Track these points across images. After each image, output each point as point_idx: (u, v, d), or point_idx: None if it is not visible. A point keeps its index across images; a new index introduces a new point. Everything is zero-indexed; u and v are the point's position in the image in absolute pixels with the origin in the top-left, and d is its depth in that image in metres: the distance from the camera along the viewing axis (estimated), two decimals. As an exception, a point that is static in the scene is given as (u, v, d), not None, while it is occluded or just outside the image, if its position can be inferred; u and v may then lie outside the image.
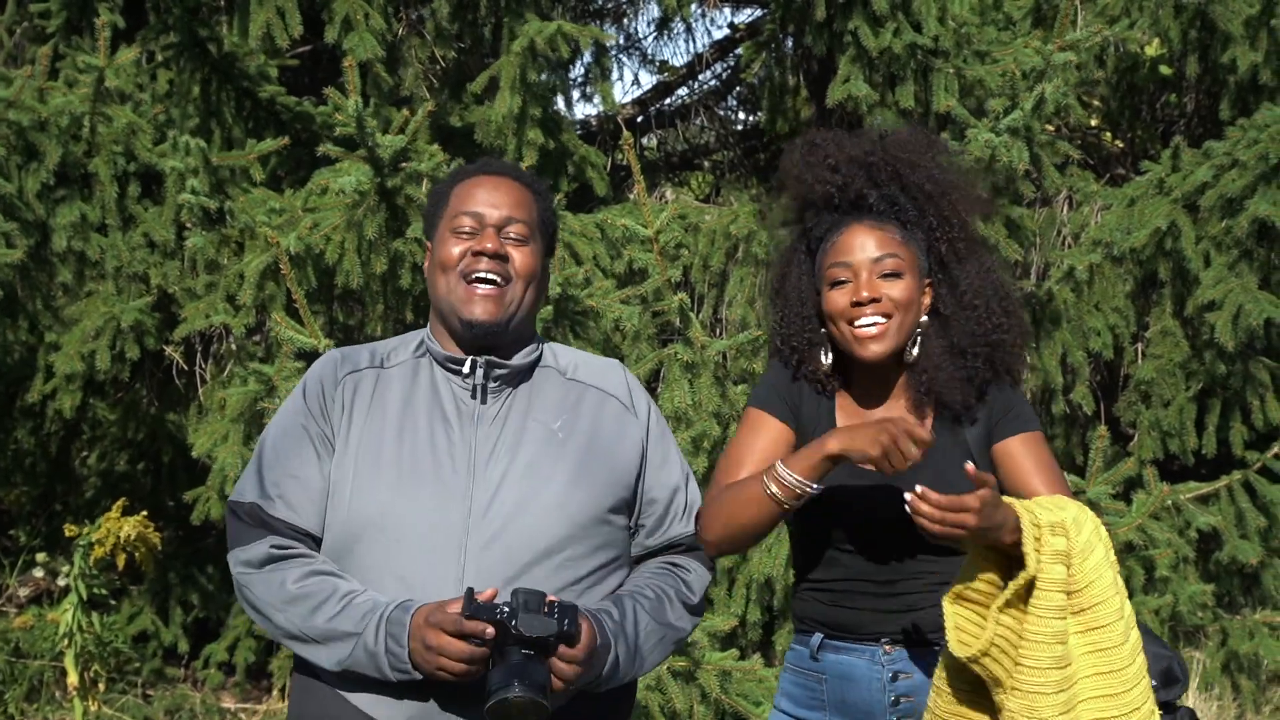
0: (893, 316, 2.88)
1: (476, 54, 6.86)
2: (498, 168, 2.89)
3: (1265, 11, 6.25)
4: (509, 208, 2.80)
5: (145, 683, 6.51)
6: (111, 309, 5.54)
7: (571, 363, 2.89)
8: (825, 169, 2.95)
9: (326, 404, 2.77)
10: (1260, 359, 6.13)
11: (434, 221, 2.87)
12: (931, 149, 2.98)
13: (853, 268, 2.88)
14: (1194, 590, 5.79)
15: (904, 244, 2.90)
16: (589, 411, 2.82)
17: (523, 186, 2.85)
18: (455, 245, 2.78)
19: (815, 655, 3.01)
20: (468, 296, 2.74)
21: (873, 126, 3.07)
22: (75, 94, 5.54)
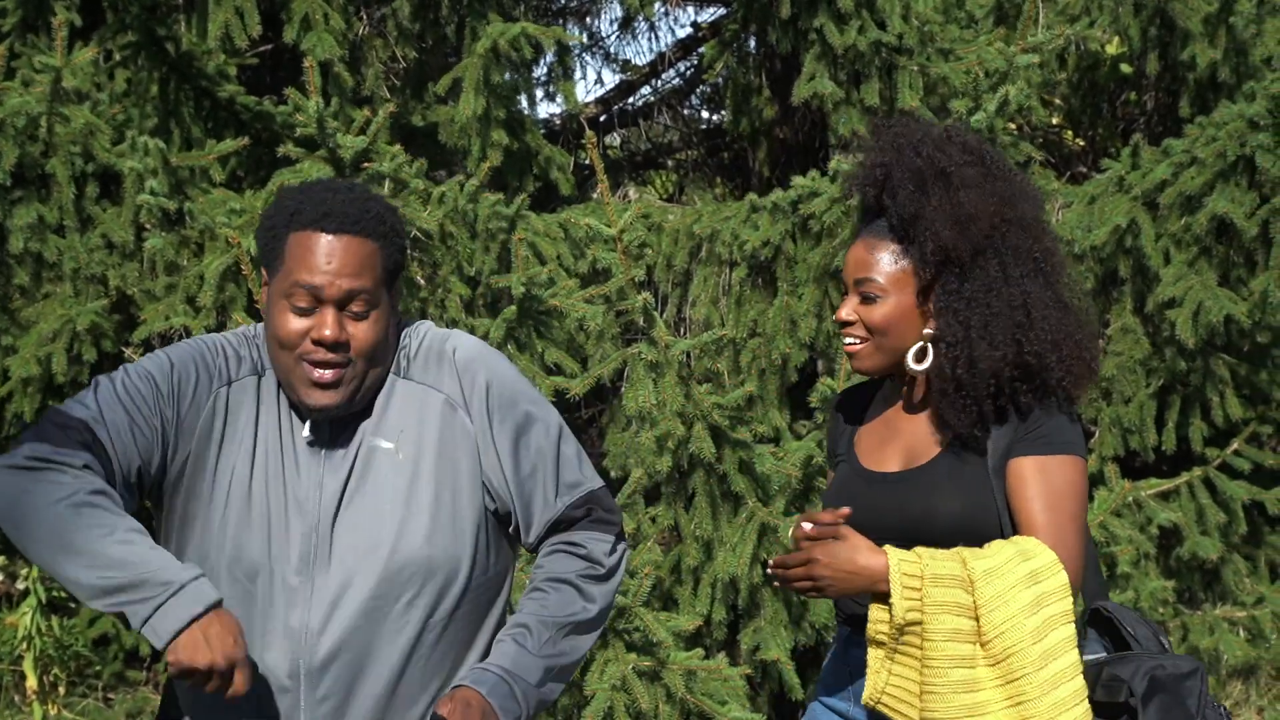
0: (869, 339, 2.90)
1: (439, 54, 6.83)
2: (337, 221, 2.55)
3: (1224, 9, 6.29)
4: (350, 277, 2.53)
5: (106, 686, 6.46)
6: (69, 311, 5.50)
7: (414, 359, 2.69)
8: (861, 168, 2.98)
9: (193, 405, 2.60)
10: (1220, 356, 6.16)
11: (268, 262, 2.61)
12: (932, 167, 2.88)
13: (846, 283, 2.95)
14: (1155, 586, 5.82)
15: (895, 260, 2.88)
16: (432, 420, 2.66)
17: (365, 240, 2.56)
18: (292, 319, 2.55)
19: (844, 648, 3.06)
20: (305, 380, 2.56)
21: (947, 127, 2.95)
22: (32, 94, 5.49)
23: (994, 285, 2.86)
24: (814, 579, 2.67)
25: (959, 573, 2.67)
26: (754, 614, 5.26)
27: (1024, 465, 2.83)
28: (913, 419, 2.98)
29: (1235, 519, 6.15)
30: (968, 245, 2.85)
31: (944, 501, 2.85)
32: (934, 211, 2.84)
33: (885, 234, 2.90)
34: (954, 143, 2.95)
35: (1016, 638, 2.65)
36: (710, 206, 6.46)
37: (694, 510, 5.20)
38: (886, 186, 2.90)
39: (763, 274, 6.00)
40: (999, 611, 2.65)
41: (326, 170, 4.90)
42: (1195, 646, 6.11)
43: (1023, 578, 2.67)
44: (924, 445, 2.94)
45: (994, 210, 2.87)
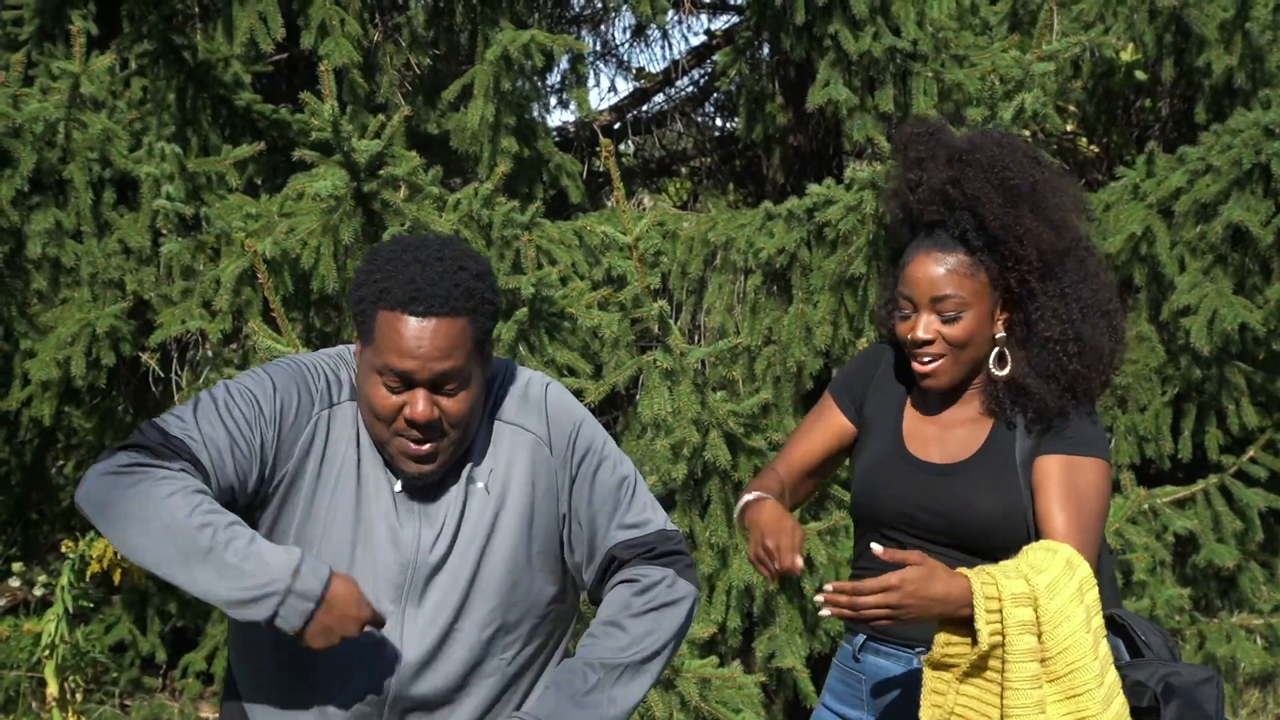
0: (948, 355, 2.92)
1: (452, 61, 6.85)
2: (427, 304, 2.52)
3: (1240, 15, 6.28)
4: (440, 360, 2.53)
5: (123, 693, 6.48)
6: (87, 316, 5.52)
7: (505, 400, 2.74)
8: (907, 187, 2.97)
9: (295, 428, 2.62)
10: (1235, 363, 6.15)
11: (359, 327, 2.61)
12: (1009, 176, 2.92)
13: (914, 302, 2.93)
14: (1171, 594, 5.81)
15: (970, 275, 2.90)
16: (520, 460, 2.70)
17: (454, 320, 2.54)
18: (385, 394, 2.56)
19: (857, 655, 3.06)
20: (400, 453, 2.59)
21: (965, 136, 3.00)
22: (50, 100, 5.51)
23: (1085, 278, 2.96)
24: (892, 606, 2.60)
25: (1027, 589, 2.65)
26: (769, 621, 5.25)
27: (1050, 463, 2.88)
28: (952, 412, 3.01)
29: (1252, 526, 6.14)
30: (1063, 247, 2.93)
31: (985, 499, 2.89)
32: (1031, 222, 2.89)
33: (953, 246, 2.91)
34: (1018, 148, 3.00)
35: (1079, 653, 2.64)
36: (725, 214, 6.45)
37: (709, 518, 5.19)
38: (954, 201, 2.91)
39: (778, 281, 5.99)
40: (1062, 627, 2.65)
41: (341, 174, 4.91)
42: (1212, 654, 6.09)
43: (1075, 591, 2.67)
44: (961, 441, 2.98)
45: (1071, 209, 2.94)
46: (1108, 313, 2.98)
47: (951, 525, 2.85)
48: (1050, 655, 2.65)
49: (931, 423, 3.02)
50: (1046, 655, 2.65)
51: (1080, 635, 2.65)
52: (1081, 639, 2.65)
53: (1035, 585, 2.65)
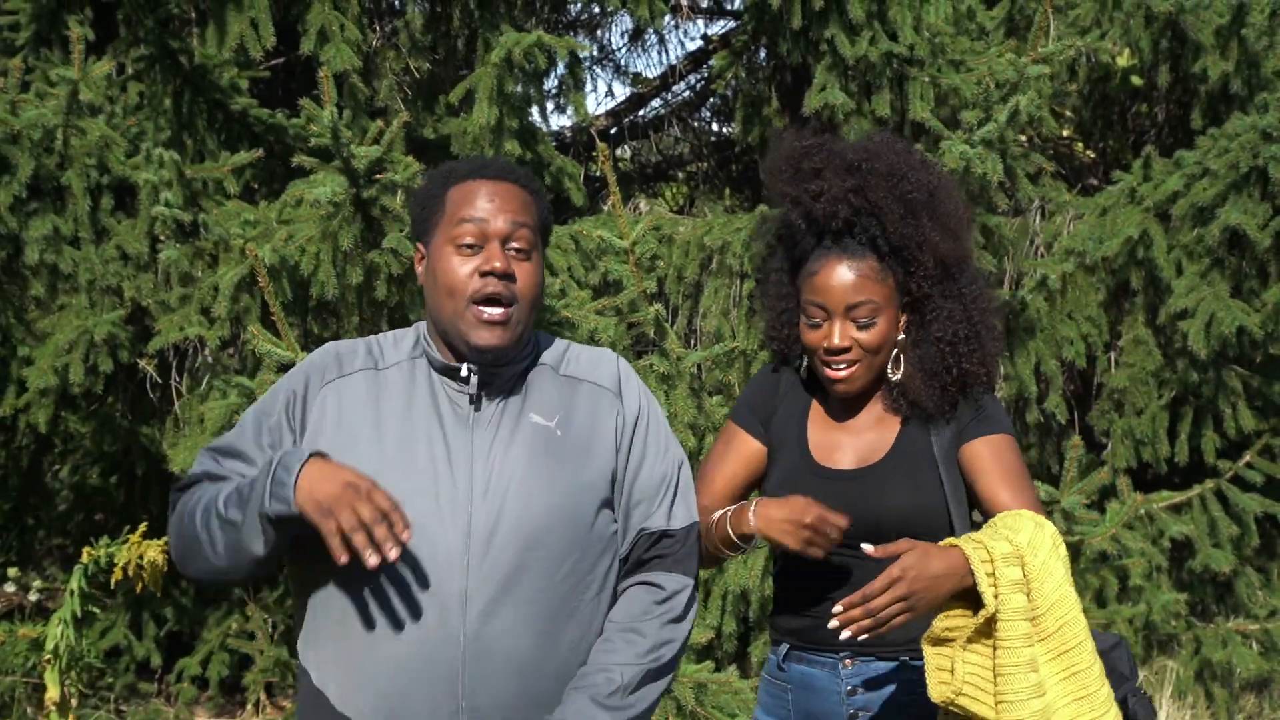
0: (862, 361, 2.94)
1: (450, 65, 6.85)
2: (495, 170, 2.76)
3: (1236, 21, 6.29)
4: (513, 216, 2.70)
5: (118, 698, 6.47)
6: (84, 322, 5.51)
7: (563, 357, 2.83)
8: (809, 196, 2.95)
9: (305, 409, 2.73)
10: (1232, 367, 6.16)
11: (427, 226, 2.76)
12: (908, 185, 2.95)
13: (826, 309, 2.92)
14: (1167, 599, 5.82)
15: (880, 280, 2.92)
16: (584, 406, 2.77)
17: (523, 190, 2.75)
18: (459, 262, 2.67)
19: (781, 664, 3.06)
20: (475, 322, 2.66)
21: (855, 141, 3.04)
22: (47, 106, 5.50)
23: (974, 281, 3.01)
24: (905, 598, 2.60)
25: (1012, 548, 2.67)
26: (764, 626, 5.25)
27: (977, 447, 2.93)
28: (859, 416, 3.02)
29: (1248, 531, 6.15)
30: (961, 253, 2.98)
31: (898, 496, 2.91)
32: (930, 231, 2.93)
33: (863, 253, 2.92)
34: (913, 155, 3.04)
35: (1067, 607, 2.67)
36: (721, 218, 6.46)
37: (705, 522, 5.19)
38: (859, 209, 2.91)
39: (773, 285, 5.99)
40: (1048, 583, 2.67)
41: (340, 180, 4.91)
42: (1208, 660, 6.10)
43: (1051, 547, 2.70)
44: (871, 444, 2.99)
45: (964, 215, 2.98)
46: (994, 310, 3.03)
47: (867, 528, 2.85)
48: (1040, 612, 2.66)
49: (838, 430, 3.02)
50: (1036, 613, 2.66)
51: (1066, 589, 2.68)
52: (1068, 593, 2.68)
53: (1018, 544, 2.67)
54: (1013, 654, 2.63)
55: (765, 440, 3.08)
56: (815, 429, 3.04)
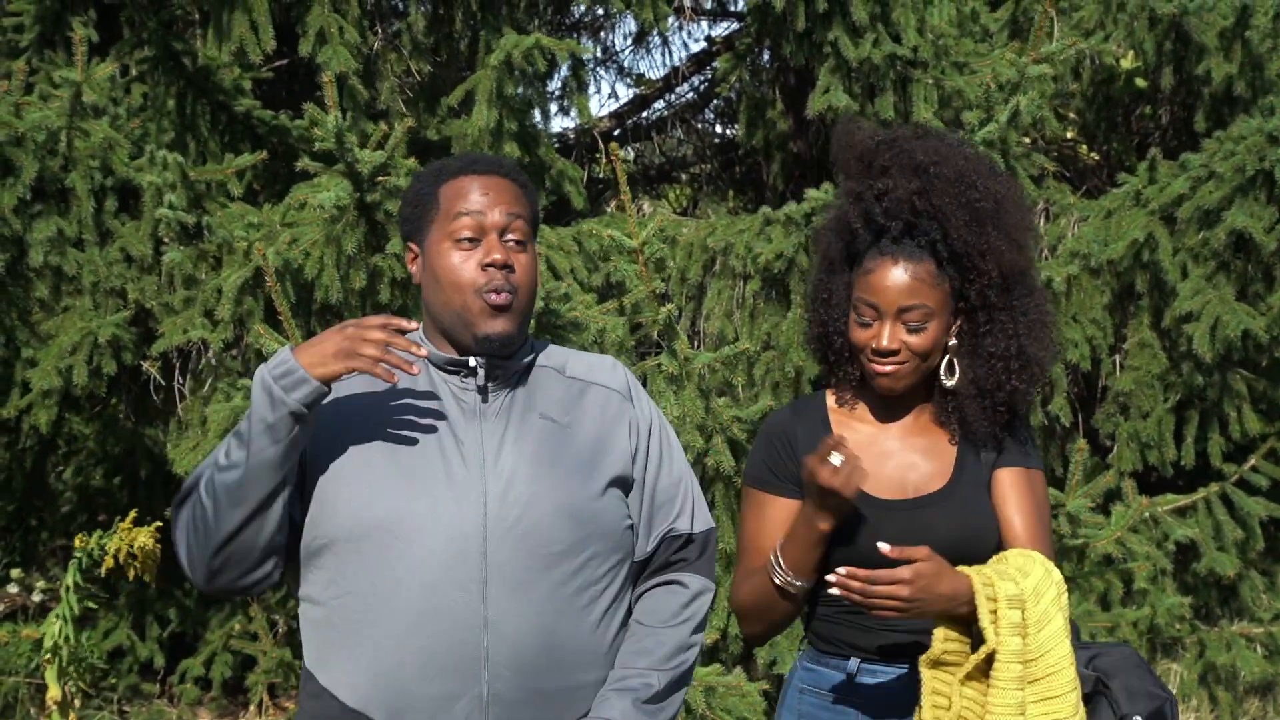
0: (909, 363, 2.89)
1: (453, 67, 6.84)
2: (486, 164, 2.78)
3: (1240, 23, 6.28)
4: (507, 209, 2.71)
5: (121, 698, 6.47)
6: (88, 324, 5.50)
7: (566, 360, 2.84)
8: (873, 195, 2.92)
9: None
10: (1238, 370, 6.15)
11: (420, 225, 2.75)
12: (975, 192, 2.91)
13: (878, 310, 2.88)
14: (1172, 602, 5.81)
15: (935, 285, 2.88)
16: (593, 407, 2.78)
17: (513, 182, 2.77)
18: (460, 257, 2.68)
19: (853, 679, 2.97)
20: (483, 313, 2.67)
21: (928, 140, 3.00)
22: (51, 108, 5.50)
23: (1030, 294, 2.96)
24: (902, 599, 2.62)
25: (1018, 591, 2.68)
26: (770, 629, 5.24)
27: (1005, 476, 2.91)
28: (906, 436, 2.98)
29: (1253, 535, 6.15)
30: (1023, 265, 2.93)
31: (961, 522, 2.88)
32: (995, 239, 2.89)
33: (920, 256, 2.89)
34: (981, 162, 2.99)
35: (1059, 656, 2.67)
36: (724, 220, 6.45)
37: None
38: (921, 212, 2.89)
39: (776, 287, 5.99)
40: (1045, 630, 2.68)
41: (345, 185, 4.90)
42: (1212, 663, 6.10)
43: (1055, 595, 2.70)
44: (928, 466, 2.95)
45: (1029, 226, 2.95)
46: (1047, 325, 2.99)
47: (956, 552, 2.83)
48: (1033, 658, 2.67)
49: (883, 457, 2.96)
50: (1030, 658, 2.67)
51: (1061, 639, 2.68)
52: (1062, 643, 2.68)
53: (1024, 588, 2.68)
54: (1005, 694, 2.65)
55: (798, 494, 2.94)
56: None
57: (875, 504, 2.89)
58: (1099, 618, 5.57)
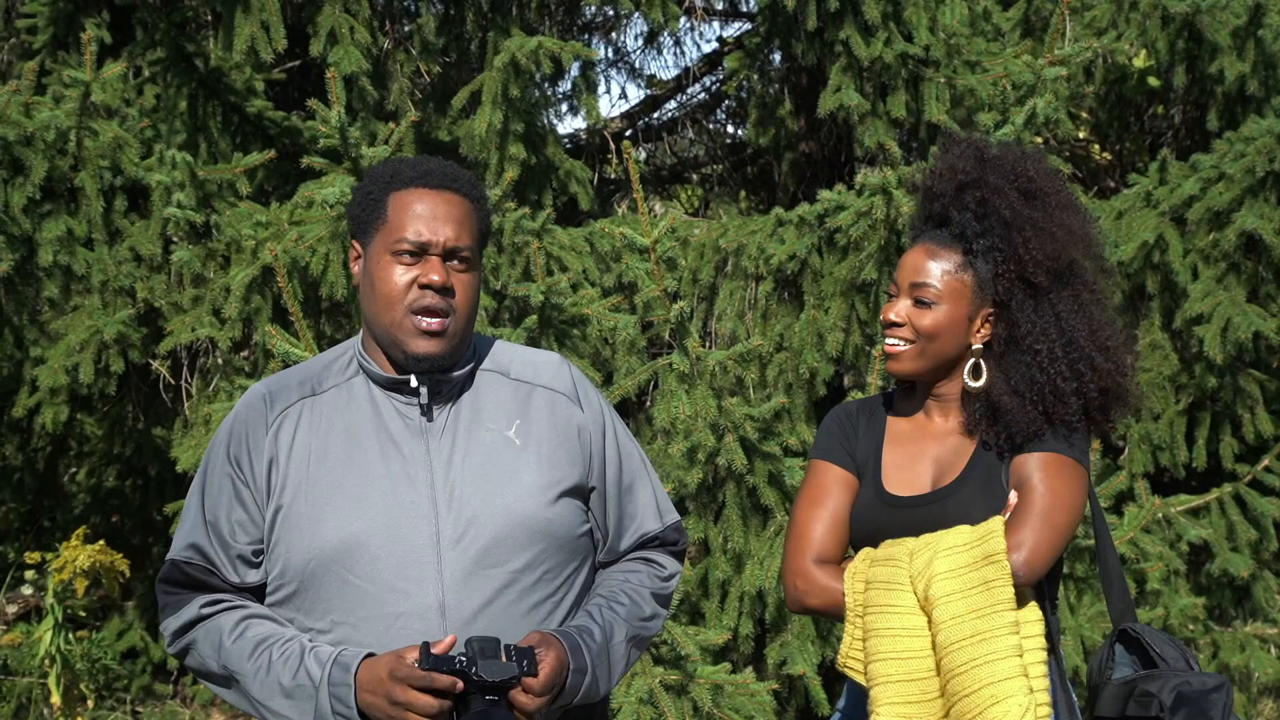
0: (914, 343, 2.93)
1: (463, 68, 6.85)
2: (438, 178, 2.70)
3: (1253, 22, 6.26)
4: (455, 229, 2.66)
5: (134, 699, 6.49)
6: (96, 323, 5.52)
7: (511, 362, 2.80)
8: (933, 176, 3.00)
9: (251, 452, 2.67)
10: (1249, 372, 6.12)
11: (366, 228, 2.71)
12: (1030, 177, 2.95)
13: (898, 284, 2.97)
14: (1185, 603, 5.78)
15: (954, 273, 2.92)
16: (541, 413, 2.75)
17: (464, 200, 2.70)
18: (399, 271, 2.64)
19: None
20: (413, 331, 2.63)
21: (998, 143, 3.06)
22: (61, 109, 5.52)
23: (1079, 309, 2.95)
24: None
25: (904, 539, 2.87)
26: (781, 628, 5.23)
27: (1023, 458, 2.90)
28: (940, 438, 3.00)
29: (1266, 535, 6.11)
30: (1064, 263, 2.92)
31: (975, 517, 2.87)
32: (1041, 224, 2.91)
33: (950, 243, 2.94)
34: (1046, 164, 3.03)
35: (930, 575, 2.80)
36: (736, 220, 6.44)
37: (723, 523, 5.18)
38: (964, 197, 2.93)
39: (789, 288, 5.98)
40: (921, 557, 2.83)
41: (350, 181, 4.91)
42: (1226, 664, 6.06)
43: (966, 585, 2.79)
44: (948, 462, 2.97)
45: (1085, 236, 2.94)
46: (1108, 348, 2.95)
47: None
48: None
49: (915, 445, 3.01)
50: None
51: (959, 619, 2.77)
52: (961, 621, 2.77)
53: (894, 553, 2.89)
54: (878, 619, 2.83)
55: (855, 470, 3.04)
56: (891, 451, 3.03)
57: (887, 500, 2.97)
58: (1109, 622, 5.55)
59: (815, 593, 2.95)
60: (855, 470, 3.03)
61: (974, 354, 2.95)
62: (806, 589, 2.96)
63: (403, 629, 2.56)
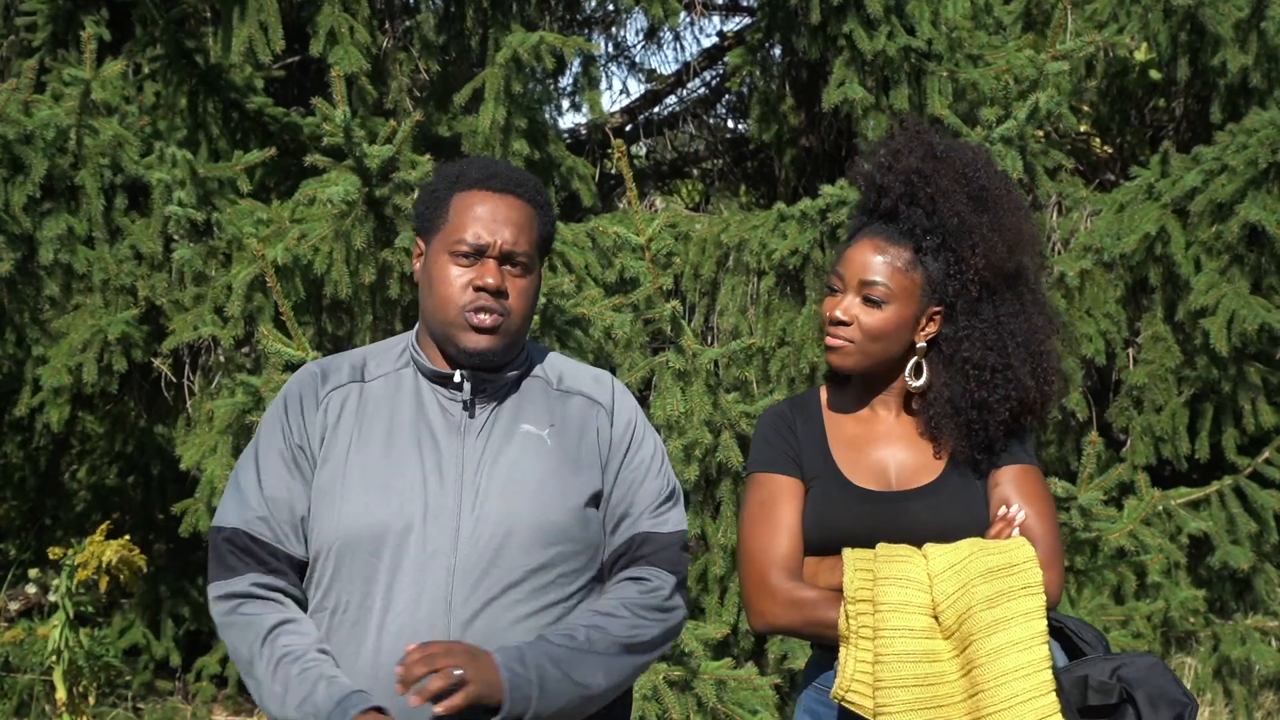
0: (856, 341, 2.88)
1: (463, 65, 6.85)
2: (503, 182, 2.75)
3: (1255, 14, 6.25)
4: (513, 234, 2.70)
5: (136, 696, 6.48)
6: (98, 322, 5.52)
7: (559, 373, 2.84)
8: (878, 167, 2.94)
9: (306, 423, 2.72)
10: (1252, 363, 6.12)
11: (428, 226, 2.76)
12: (980, 183, 2.91)
13: (844, 280, 2.89)
14: (1186, 596, 5.79)
15: (905, 271, 2.87)
16: (575, 418, 2.78)
17: (526, 205, 2.75)
18: (456, 272, 2.69)
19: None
20: (465, 327, 2.67)
21: (949, 140, 3.03)
22: (61, 107, 5.51)
23: (1020, 313, 2.92)
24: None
25: (908, 552, 2.74)
26: (781, 624, 5.22)
27: (1013, 473, 2.89)
28: (894, 434, 2.95)
29: (1267, 528, 6.11)
30: (1011, 267, 2.89)
31: (954, 514, 2.86)
32: (988, 230, 2.87)
33: (899, 240, 2.88)
34: (994, 166, 2.98)
35: (967, 603, 2.67)
36: (737, 215, 6.44)
37: (721, 519, 5.18)
38: (918, 194, 2.88)
39: (791, 283, 5.98)
40: (950, 581, 2.70)
41: (353, 180, 4.91)
42: (1227, 656, 6.07)
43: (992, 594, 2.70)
44: (917, 461, 2.93)
45: (1031, 238, 2.92)
46: (1038, 354, 2.92)
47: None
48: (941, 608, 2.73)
49: (870, 449, 2.95)
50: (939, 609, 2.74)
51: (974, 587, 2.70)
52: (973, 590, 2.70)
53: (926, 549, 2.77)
54: (888, 644, 2.69)
55: (801, 475, 2.94)
56: (841, 447, 2.96)
57: (856, 493, 2.89)
58: (1112, 611, 5.55)
59: (788, 610, 2.84)
60: (801, 475, 2.94)
61: (918, 352, 2.91)
62: (777, 607, 2.85)
63: (416, 617, 2.60)
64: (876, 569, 2.72)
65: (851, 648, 2.74)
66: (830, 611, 2.79)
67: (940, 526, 2.84)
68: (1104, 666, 2.78)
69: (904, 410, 2.96)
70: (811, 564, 2.89)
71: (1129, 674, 2.77)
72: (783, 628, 2.88)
